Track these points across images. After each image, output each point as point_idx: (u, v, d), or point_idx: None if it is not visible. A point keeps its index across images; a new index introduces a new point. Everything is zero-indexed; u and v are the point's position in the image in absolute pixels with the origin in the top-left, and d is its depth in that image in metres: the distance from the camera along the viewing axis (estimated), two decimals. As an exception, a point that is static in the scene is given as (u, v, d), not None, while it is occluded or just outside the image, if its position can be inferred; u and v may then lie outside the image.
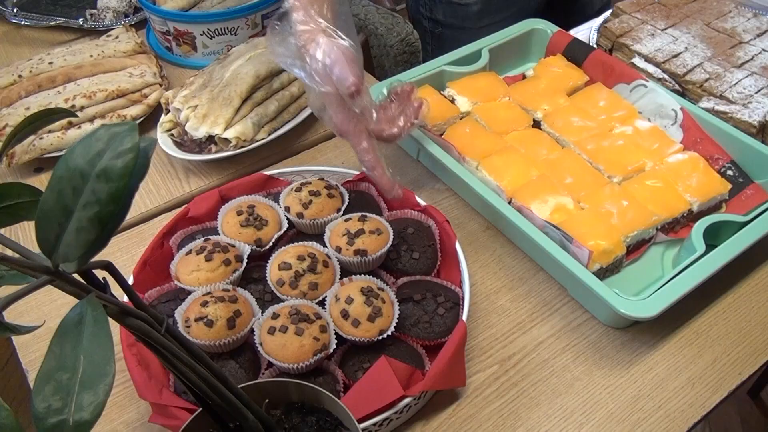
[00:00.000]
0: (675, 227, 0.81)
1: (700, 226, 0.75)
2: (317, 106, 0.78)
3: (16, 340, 0.74)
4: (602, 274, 0.75)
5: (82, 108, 0.99)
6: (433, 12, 1.28)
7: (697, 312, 0.75)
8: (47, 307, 0.79)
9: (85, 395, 0.31)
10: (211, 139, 0.93)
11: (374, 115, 0.77)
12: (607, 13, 1.19)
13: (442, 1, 1.26)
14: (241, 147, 0.93)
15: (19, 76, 1.04)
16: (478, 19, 1.24)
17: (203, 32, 1.11)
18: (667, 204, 0.80)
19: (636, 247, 0.79)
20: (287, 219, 0.80)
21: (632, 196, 0.80)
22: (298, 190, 0.80)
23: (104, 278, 0.39)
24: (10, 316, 0.78)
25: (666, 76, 1.03)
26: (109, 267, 0.38)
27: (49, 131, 0.96)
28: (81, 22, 1.24)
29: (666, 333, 0.73)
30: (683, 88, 1.01)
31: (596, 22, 1.18)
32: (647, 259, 0.80)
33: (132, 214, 0.92)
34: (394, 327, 0.68)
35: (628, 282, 0.77)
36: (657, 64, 1.04)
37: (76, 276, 0.36)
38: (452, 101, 0.96)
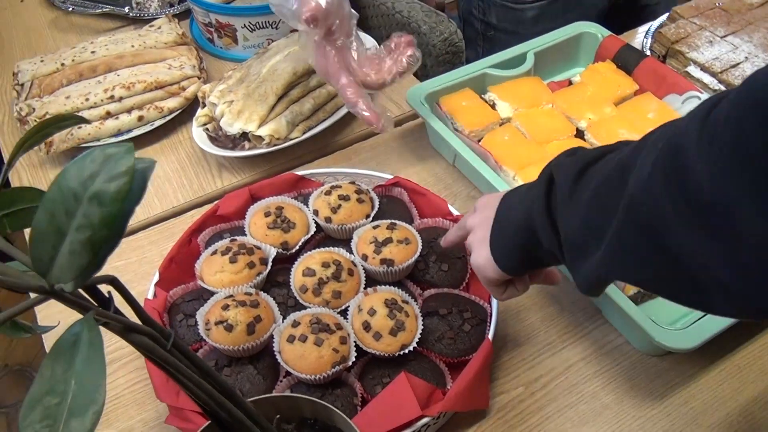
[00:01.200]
0: (722, 251, 0.76)
1: (748, 253, 0.71)
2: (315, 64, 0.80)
3: (46, 339, 0.74)
4: (639, 298, 0.71)
5: (120, 98, 0.99)
6: (486, 14, 1.24)
7: (740, 344, 0.71)
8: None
9: (73, 423, 0.30)
10: (245, 135, 0.92)
11: (354, 54, 0.80)
12: (664, 17, 1.14)
13: (496, 4, 1.22)
14: (275, 145, 0.92)
15: (62, 64, 1.05)
16: (533, 25, 1.20)
17: (244, 25, 1.10)
18: (714, 226, 0.75)
19: (678, 271, 0.75)
20: (315, 222, 0.78)
21: (677, 216, 0.76)
22: (328, 193, 0.78)
23: (109, 292, 0.38)
24: (40, 307, 0.79)
25: (723, 88, 0.97)
26: (114, 282, 0.37)
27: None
28: (127, 11, 1.25)
29: (705, 364, 0.69)
30: (740, 100, 0.96)
31: (651, 26, 1.12)
32: (690, 283, 0.75)
33: (164, 207, 0.92)
34: (418, 341, 0.66)
35: (668, 308, 0.72)
36: (713, 74, 0.99)
37: (80, 291, 0.35)
38: (493, 106, 0.93)
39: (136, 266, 0.84)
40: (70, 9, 1.28)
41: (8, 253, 0.34)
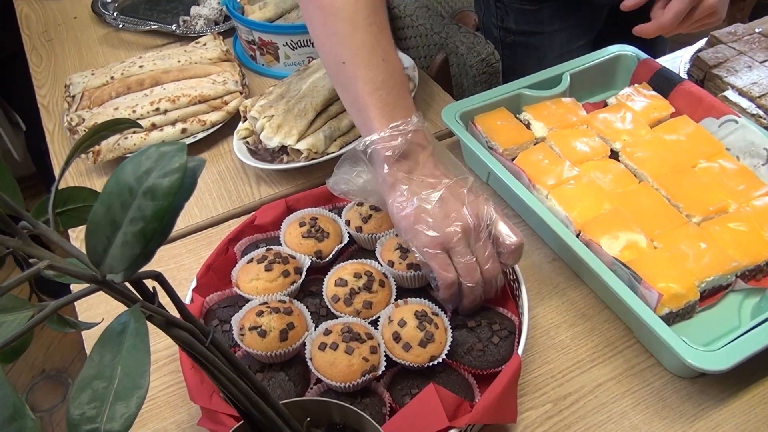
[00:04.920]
0: (757, 275, 0.76)
1: (784, 277, 0.70)
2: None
3: (86, 335, 0.77)
4: (671, 318, 0.71)
5: (166, 111, 1.03)
6: (504, 21, 1.25)
7: (774, 369, 0.70)
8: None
9: (118, 406, 0.31)
10: (283, 149, 0.94)
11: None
12: (702, 42, 1.14)
13: (513, 8, 1.24)
14: (312, 159, 0.94)
15: (112, 78, 1.10)
16: (551, 23, 1.21)
17: (286, 43, 1.13)
18: (749, 250, 0.75)
19: (712, 293, 0.74)
20: (348, 233, 0.80)
21: (711, 239, 0.75)
22: (360, 204, 0.80)
23: (154, 288, 0.40)
24: (81, 308, 0.82)
25: (761, 112, 0.97)
26: (158, 278, 0.39)
27: (134, 132, 1.00)
28: (174, 28, 1.30)
29: (737, 388, 0.69)
30: (779, 125, 0.95)
31: (689, 51, 1.13)
32: (723, 306, 0.75)
33: (203, 217, 0.94)
34: (447, 353, 0.67)
35: (700, 329, 0.72)
36: (752, 99, 0.99)
37: (127, 284, 0.37)
38: (527, 126, 0.94)
39: (174, 273, 0.87)
40: (120, 26, 1.33)
41: (63, 248, 0.36)
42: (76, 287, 0.71)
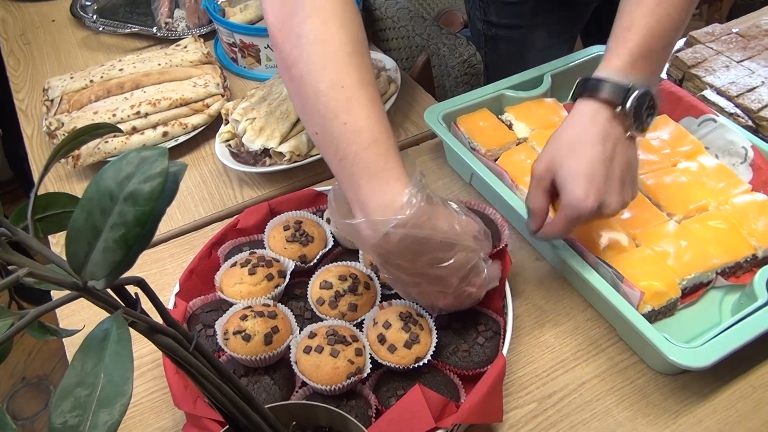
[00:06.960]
0: (737, 272, 0.77)
1: (763, 274, 0.71)
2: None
3: (67, 342, 0.76)
4: (653, 316, 0.72)
5: (146, 114, 1.02)
6: (486, 14, 1.25)
7: (755, 364, 0.71)
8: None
9: (101, 414, 0.31)
10: (266, 152, 0.94)
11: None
12: (681, 42, 1.15)
13: (495, 2, 1.24)
14: (295, 161, 0.94)
15: (91, 81, 1.09)
16: (533, 17, 1.22)
17: (268, 45, 1.13)
18: (729, 247, 0.75)
19: (693, 291, 0.75)
20: (332, 236, 0.80)
21: (692, 237, 0.76)
22: None
23: (136, 293, 0.39)
24: (63, 315, 0.81)
25: (739, 111, 0.98)
26: (141, 283, 0.39)
27: (114, 136, 0.99)
28: (154, 31, 1.29)
29: (719, 384, 0.69)
30: (757, 124, 0.96)
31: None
32: (704, 303, 0.76)
33: (186, 221, 0.94)
34: (432, 354, 0.67)
35: (682, 326, 0.73)
36: (730, 98, 1.00)
37: (108, 290, 0.36)
38: (510, 126, 0.94)
39: (156, 277, 0.86)
40: (100, 29, 1.32)
41: (43, 254, 0.36)
42: (56, 294, 0.70)
